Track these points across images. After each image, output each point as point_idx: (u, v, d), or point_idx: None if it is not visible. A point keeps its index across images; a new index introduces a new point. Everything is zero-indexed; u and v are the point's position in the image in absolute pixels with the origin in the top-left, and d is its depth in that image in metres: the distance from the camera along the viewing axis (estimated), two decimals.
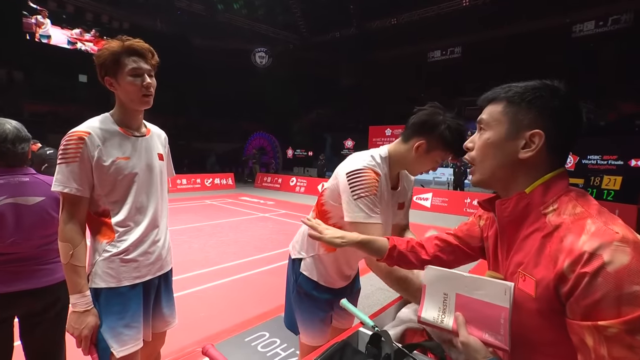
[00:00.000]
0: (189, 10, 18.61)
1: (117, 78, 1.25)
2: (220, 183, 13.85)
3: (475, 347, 0.69)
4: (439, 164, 1.29)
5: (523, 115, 0.71)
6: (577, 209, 0.66)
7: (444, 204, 9.75)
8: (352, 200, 1.18)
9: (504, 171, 0.75)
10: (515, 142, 0.72)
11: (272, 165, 19.62)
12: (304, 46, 21.89)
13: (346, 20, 19.54)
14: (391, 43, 19.51)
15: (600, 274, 0.56)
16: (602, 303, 0.56)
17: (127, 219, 1.28)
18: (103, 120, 1.28)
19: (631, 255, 0.56)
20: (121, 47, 1.23)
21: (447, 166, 16.61)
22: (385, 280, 1.30)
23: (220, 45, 20.52)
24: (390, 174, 1.31)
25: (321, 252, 1.42)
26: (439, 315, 0.78)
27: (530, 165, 0.72)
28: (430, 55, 19.65)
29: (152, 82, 1.28)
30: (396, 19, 18.52)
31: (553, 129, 0.69)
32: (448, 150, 1.22)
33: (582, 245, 0.59)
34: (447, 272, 0.79)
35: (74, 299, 1.18)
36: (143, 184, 1.32)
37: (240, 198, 11.35)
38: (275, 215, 8.46)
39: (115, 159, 1.24)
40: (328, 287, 1.45)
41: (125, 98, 1.27)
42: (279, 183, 14.32)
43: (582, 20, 14.73)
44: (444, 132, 1.19)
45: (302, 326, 1.50)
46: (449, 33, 17.79)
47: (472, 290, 0.74)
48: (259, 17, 20.26)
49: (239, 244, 5.57)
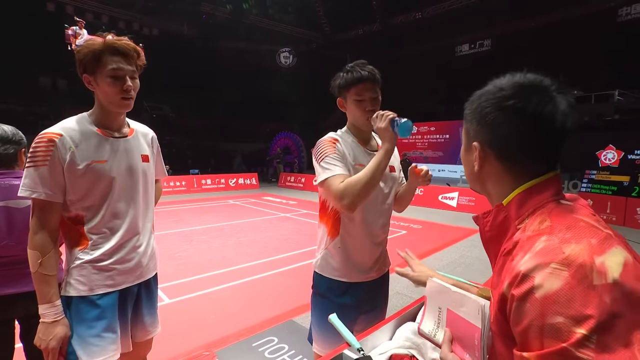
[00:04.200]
0: (214, 14, 19.04)
1: (95, 77, 1.17)
2: (244, 183, 14.05)
3: None
4: (365, 104, 1.35)
5: (469, 126, 0.69)
6: (543, 224, 0.56)
7: (472, 204, 9.29)
8: (317, 165, 1.32)
9: (475, 183, 0.74)
10: (471, 155, 0.69)
11: (296, 164, 19.68)
12: (327, 45, 21.79)
13: (369, 17, 19.21)
14: (416, 38, 18.99)
15: (528, 299, 0.49)
16: (529, 332, 0.49)
17: (101, 226, 1.21)
18: (79, 121, 1.21)
19: (565, 281, 0.47)
20: (103, 46, 1.15)
21: None
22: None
23: (245, 47, 20.89)
24: (360, 139, 1.43)
25: (328, 244, 1.41)
26: (434, 329, 0.77)
27: (490, 176, 0.68)
28: (458, 50, 18.93)
29: (133, 85, 1.20)
30: (421, 12, 17.97)
31: (492, 138, 0.64)
32: (349, 85, 1.35)
33: (521, 264, 0.52)
34: (440, 286, 0.77)
35: (42, 309, 1.12)
36: (122, 188, 1.24)
37: (263, 198, 11.43)
38: (296, 215, 8.43)
39: (90, 163, 1.17)
40: (344, 286, 1.39)
41: (103, 99, 1.20)
42: (302, 182, 14.31)
43: (629, 2, 13.51)
44: (337, 81, 1.39)
45: (314, 332, 1.46)
46: (478, 25, 17.03)
47: (457, 306, 0.71)
48: (282, 18, 20.39)
49: (257, 245, 5.57)
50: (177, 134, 18.77)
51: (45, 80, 17.69)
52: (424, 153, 18.26)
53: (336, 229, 1.39)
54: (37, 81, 17.41)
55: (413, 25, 18.61)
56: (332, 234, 1.40)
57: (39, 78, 17.50)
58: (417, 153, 18.16)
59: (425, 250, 5.32)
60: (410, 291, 3.66)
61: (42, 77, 17.57)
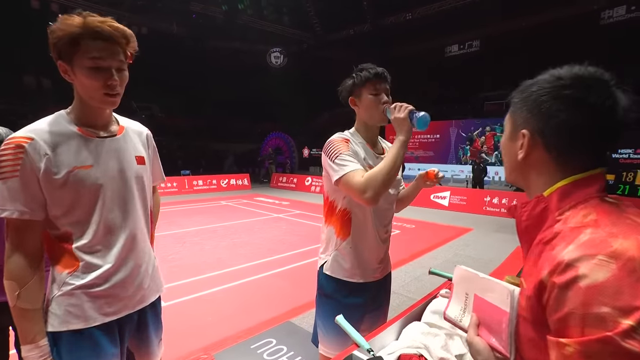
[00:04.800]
0: (204, 14, 18.86)
1: (72, 66, 0.95)
2: (236, 184, 13.96)
3: (478, 348, 0.68)
4: (379, 96, 1.36)
5: (518, 114, 0.67)
6: (588, 217, 0.57)
7: (463, 203, 9.42)
8: (332, 163, 1.29)
9: (515, 173, 0.72)
10: (516, 144, 0.68)
11: (288, 165, 19.64)
12: (318, 45, 21.79)
13: (360, 17, 19.28)
14: (406, 39, 19.12)
15: (571, 288, 0.50)
16: (569, 319, 0.50)
17: (93, 243, 1.01)
18: (55, 121, 1.00)
19: (612, 273, 0.47)
20: (81, 27, 0.91)
21: (466, 163, 16.16)
22: None
23: (235, 47, 20.72)
24: (368, 141, 1.44)
25: (339, 245, 1.41)
26: (460, 314, 0.80)
27: (534, 166, 0.66)
28: (447, 50, 19.13)
29: (119, 80, 0.99)
30: (411, 13, 18.10)
31: (545, 127, 0.62)
32: (364, 82, 1.35)
33: (565, 254, 0.53)
34: (468, 273, 0.79)
35: (25, 351, 0.94)
36: (113, 196, 1.05)
37: (255, 198, 11.37)
38: (289, 215, 8.40)
39: (71, 170, 0.97)
40: (351, 286, 1.40)
41: (83, 93, 0.99)
42: (295, 183, 14.29)
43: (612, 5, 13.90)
44: (350, 81, 1.40)
45: (321, 333, 1.46)
46: (467, 26, 17.24)
47: (485, 292, 0.73)
48: (273, 18, 20.31)
49: (251, 246, 5.53)
50: (167, 134, 18.51)
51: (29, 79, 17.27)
52: (415, 152, 18.43)
53: (346, 230, 1.39)
54: (22, 80, 17.00)
55: (403, 25, 18.73)
56: (342, 235, 1.40)
57: (24, 77, 17.09)
58: (409, 153, 18.32)
59: (419, 250, 5.37)
60: (407, 290, 3.68)
61: (27, 76, 17.16)
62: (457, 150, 17.16)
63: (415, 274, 4.22)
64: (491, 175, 14.26)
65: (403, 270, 4.39)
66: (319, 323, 1.47)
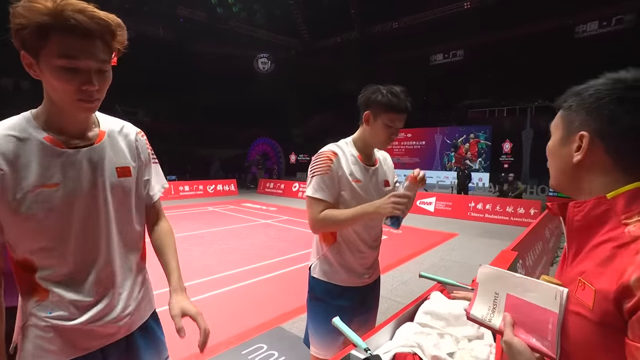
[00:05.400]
0: (191, 18, 18.78)
1: (39, 61, 0.75)
2: (223, 189, 13.84)
3: (519, 348, 0.66)
4: (392, 128, 1.39)
5: (574, 117, 0.67)
6: None
7: (448, 208, 9.62)
8: (309, 177, 1.41)
9: (566, 176, 0.72)
10: (569, 146, 0.69)
11: (275, 170, 19.62)
12: (306, 51, 21.98)
13: (348, 25, 19.59)
14: (393, 47, 19.50)
15: None
16: None
17: (60, 274, 0.85)
18: (18, 125, 0.81)
19: None
20: (52, 15, 0.71)
21: (451, 170, 16.51)
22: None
23: (223, 52, 20.67)
24: (362, 154, 1.47)
25: (326, 250, 1.46)
26: (488, 314, 0.77)
27: (590, 169, 0.66)
28: (432, 59, 19.62)
29: (99, 83, 0.79)
30: (397, 22, 18.53)
31: (606, 129, 0.62)
32: (388, 109, 1.35)
33: None
34: (501, 272, 0.78)
35: None
36: (85, 219, 0.87)
37: (242, 204, 11.30)
38: (276, 221, 8.39)
39: (32, 189, 0.79)
40: (340, 289, 1.44)
41: (53, 95, 0.80)
42: (282, 189, 14.27)
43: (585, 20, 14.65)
44: (378, 97, 1.37)
45: (312, 334, 1.49)
46: (451, 36, 17.74)
47: (523, 291, 0.71)
48: (261, 24, 20.39)
49: (239, 252, 5.51)
50: (152, 139, 17.78)
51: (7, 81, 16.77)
52: (401, 159, 18.71)
53: (333, 236, 1.45)
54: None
55: (390, 34, 19.15)
56: (326, 240, 1.46)
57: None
58: (395, 159, 18.57)
59: (406, 255, 5.46)
60: (395, 295, 3.75)
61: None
62: (442, 156, 17.50)
63: (402, 279, 4.29)
64: (475, 182, 14.60)
65: (391, 275, 4.45)
66: (310, 325, 1.51)
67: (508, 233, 7.14)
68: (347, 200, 1.40)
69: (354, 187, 1.41)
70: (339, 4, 18.38)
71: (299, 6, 19.44)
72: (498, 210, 8.86)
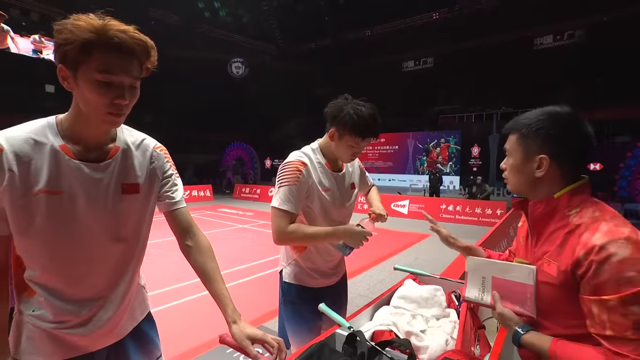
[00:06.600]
0: (164, 21, 18.42)
1: (76, 75, 0.81)
2: (198, 195, 13.63)
3: (509, 316, 0.91)
4: (356, 149, 1.40)
5: (532, 142, 0.91)
6: (595, 213, 0.84)
7: (421, 210, 9.98)
8: (276, 187, 1.39)
9: (527, 186, 0.95)
10: (530, 165, 0.92)
11: (251, 175, 19.50)
12: (280, 56, 22.09)
13: (321, 32, 19.91)
14: (366, 53, 20.01)
15: (607, 263, 0.75)
16: (607, 284, 0.75)
17: (44, 279, 0.88)
18: (39, 130, 0.86)
19: (631, 250, 0.75)
20: (97, 33, 0.78)
21: (424, 173, 17.10)
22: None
23: (196, 56, 20.37)
24: (328, 161, 1.48)
25: (296, 256, 1.50)
26: (479, 295, 0.99)
27: (548, 180, 0.91)
28: (404, 65, 20.32)
29: (128, 100, 0.86)
30: (370, 30, 19.07)
31: (558, 151, 0.88)
32: (353, 133, 1.34)
33: (595, 240, 0.78)
34: (485, 260, 1.02)
35: None
36: (83, 232, 0.89)
37: (219, 210, 11.20)
38: (254, 226, 8.41)
39: (36, 192, 0.83)
40: (312, 291, 1.50)
41: (84, 106, 0.85)
42: (258, 194, 14.24)
43: (542, 34, 15.81)
44: (345, 118, 1.33)
45: (291, 337, 1.53)
46: (421, 44, 18.47)
47: (504, 273, 0.95)
48: (235, 28, 20.31)
49: (218, 256, 5.39)
50: None
51: None
52: (375, 163, 19.15)
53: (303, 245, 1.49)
54: None
55: (363, 41, 19.65)
56: (299, 248, 1.50)
57: None
58: (369, 163, 19.00)
59: (382, 255, 5.67)
60: (372, 292, 3.92)
61: None
62: (415, 160, 18.09)
63: (379, 277, 4.48)
64: (446, 184, 15.22)
65: (368, 274, 4.64)
66: (288, 330, 1.54)
67: (477, 232, 7.55)
68: (315, 209, 1.42)
69: (322, 196, 1.42)
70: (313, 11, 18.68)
71: (274, 12, 19.57)
72: (467, 211, 9.32)
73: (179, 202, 1.09)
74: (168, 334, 2.94)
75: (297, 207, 1.36)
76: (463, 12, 15.82)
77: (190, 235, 1.11)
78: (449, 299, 1.41)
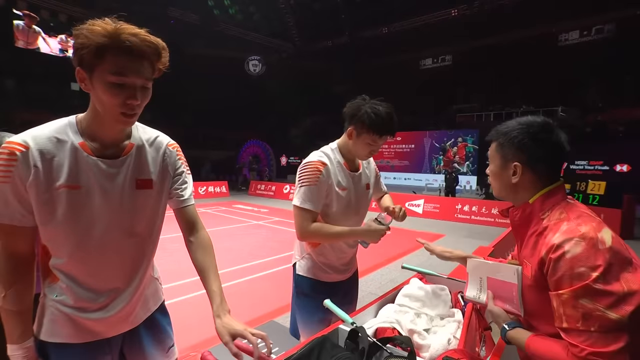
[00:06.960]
0: (183, 20, 18.77)
1: (92, 77, 0.86)
2: (214, 191, 13.87)
3: (498, 313, 0.98)
4: (374, 147, 1.45)
5: (507, 150, 0.97)
6: (562, 215, 0.88)
7: (436, 210, 9.87)
8: (297, 187, 1.45)
9: (507, 191, 1.01)
10: (507, 171, 0.98)
11: (266, 172, 19.70)
12: (297, 54, 22.16)
13: (338, 30, 19.86)
14: (383, 51, 19.83)
15: (562, 259, 0.80)
16: (562, 279, 0.80)
17: (66, 267, 0.95)
18: (61, 129, 0.93)
19: (583, 247, 0.79)
20: (110, 37, 0.83)
21: (440, 172, 16.85)
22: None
23: (214, 54, 20.70)
24: (346, 160, 1.53)
25: (310, 250, 1.56)
26: (477, 294, 1.05)
27: (524, 185, 0.97)
28: (422, 63, 20.02)
29: (140, 100, 0.90)
30: (387, 28, 18.88)
31: (531, 158, 0.93)
32: (371, 131, 1.40)
33: (554, 239, 0.83)
34: (480, 262, 1.07)
35: (10, 350, 0.93)
36: (96, 224, 0.95)
37: (234, 206, 11.38)
38: (268, 222, 8.51)
39: (58, 187, 0.89)
40: (325, 285, 1.55)
41: (99, 106, 0.91)
42: (273, 191, 14.37)
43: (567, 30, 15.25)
44: (363, 117, 1.39)
45: (301, 328, 1.59)
46: (439, 42, 18.15)
47: (495, 273, 1.00)
48: (252, 27, 20.51)
49: (232, 252, 5.62)
50: None
51: None
52: (391, 162, 18.99)
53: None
54: None
55: (380, 39, 19.47)
56: (313, 244, 1.55)
57: None
58: (385, 162, 18.86)
59: (394, 255, 5.65)
60: (382, 291, 3.91)
61: None
62: (431, 160, 17.84)
63: (391, 276, 4.47)
64: (462, 184, 14.94)
65: (379, 272, 4.63)
66: (299, 319, 1.61)
67: (493, 234, 7.40)
68: (332, 207, 1.48)
69: (339, 194, 1.48)
70: (329, 9, 18.64)
71: (291, 10, 19.63)
72: (484, 212, 9.13)
73: (187, 200, 1.15)
74: (182, 325, 3.04)
75: (318, 206, 1.43)
76: (483, 8, 15.47)
77: (193, 231, 1.17)
78: (455, 299, 1.41)
